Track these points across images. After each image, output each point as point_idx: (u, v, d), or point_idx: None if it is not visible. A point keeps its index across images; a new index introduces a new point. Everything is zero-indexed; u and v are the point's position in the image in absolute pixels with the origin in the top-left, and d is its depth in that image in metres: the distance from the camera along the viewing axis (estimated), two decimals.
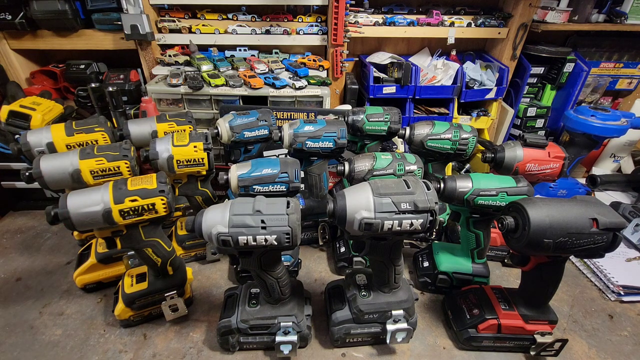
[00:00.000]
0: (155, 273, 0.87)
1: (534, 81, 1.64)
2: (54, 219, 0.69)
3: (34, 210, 1.33)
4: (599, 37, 1.62)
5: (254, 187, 0.84)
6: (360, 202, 0.66)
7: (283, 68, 1.42)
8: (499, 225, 0.74)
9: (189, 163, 0.92)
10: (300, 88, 1.29)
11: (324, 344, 0.88)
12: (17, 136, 0.95)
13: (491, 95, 1.52)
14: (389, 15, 1.45)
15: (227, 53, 1.49)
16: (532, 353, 0.85)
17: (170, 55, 1.39)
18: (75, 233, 1.04)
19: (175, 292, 0.87)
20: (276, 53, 1.51)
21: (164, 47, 1.45)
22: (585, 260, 1.17)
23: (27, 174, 0.81)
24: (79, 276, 0.96)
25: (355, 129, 1.09)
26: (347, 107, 1.37)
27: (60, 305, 0.96)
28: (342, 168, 0.94)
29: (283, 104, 1.32)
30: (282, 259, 0.82)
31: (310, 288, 1.03)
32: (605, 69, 1.67)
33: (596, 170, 1.63)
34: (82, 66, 1.43)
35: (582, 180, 1.55)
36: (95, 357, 0.83)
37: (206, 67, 1.33)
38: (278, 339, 0.79)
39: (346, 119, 1.08)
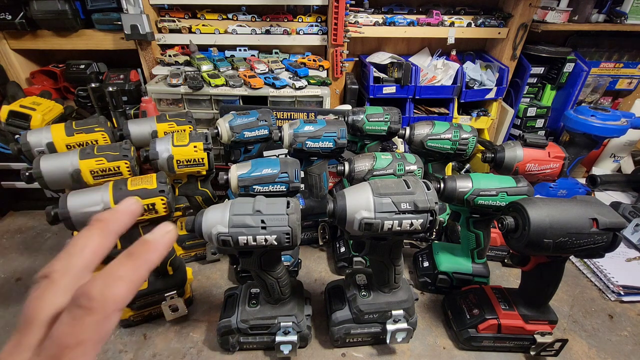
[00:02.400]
0: (155, 273, 0.87)
1: (534, 81, 1.64)
2: (54, 219, 0.68)
3: (34, 210, 1.33)
4: (599, 37, 1.62)
5: (254, 187, 0.84)
6: (360, 202, 0.66)
7: (283, 68, 1.42)
8: (499, 225, 0.74)
9: (189, 163, 0.92)
10: (300, 88, 1.29)
11: (324, 344, 0.88)
12: (17, 136, 0.95)
13: (491, 95, 1.52)
14: (389, 15, 1.45)
15: (227, 53, 1.49)
16: (532, 353, 0.85)
17: (170, 55, 1.39)
18: (75, 233, 1.04)
19: (175, 292, 0.87)
20: (276, 53, 1.51)
21: (164, 47, 1.45)
22: (585, 260, 1.17)
23: (27, 174, 0.81)
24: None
25: (355, 129, 1.09)
26: (347, 107, 1.37)
27: None
28: (342, 168, 0.94)
29: (283, 104, 1.32)
30: (282, 259, 0.82)
31: (310, 288, 1.03)
32: (605, 69, 1.67)
33: (596, 170, 1.63)
34: (82, 66, 1.43)
35: (582, 180, 1.55)
36: (95, 357, 0.83)
37: (206, 67, 1.33)
38: (278, 339, 0.79)
39: (346, 119, 1.08)
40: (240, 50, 1.49)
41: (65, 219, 0.68)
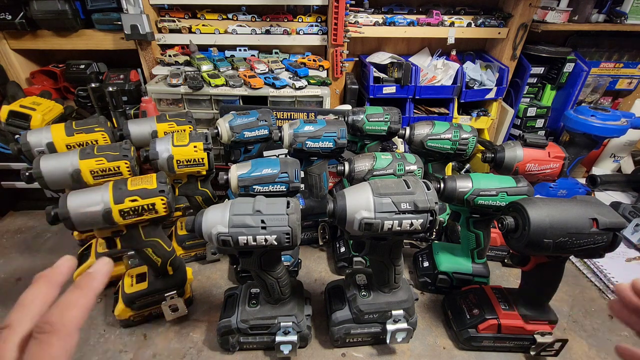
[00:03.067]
0: (155, 273, 0.87)
1: (534, 81, 1.64)
2: (54, 219, 0.68)
3: (34, 210, 1.33)
4: (599, 37, 1.62)
5: (254, 187, 0.84)
6: (360, 202, 0.66)
7: (283, 68, 1.42)
8: (499, 225, 0.74)
9: (189, 163, 0.92)
10: (300, 88, 1.29)
11: (324, 344, 0.88)
12: (17, 136, 0.95)
13: (491, 95, 1.52)
14: (389, 15, 1.45)
15: (227, 53, 1.49)
16: (532, 353, 0.85)
17: (170, 55, 1.39)
18: (75, 233, 1.04)
19: (175, 292, 0.87)
20: (276, 53, 1.51)
21: (164, 47, 1.45)
22: (585, 260, 1.17)
23: (27, 174, 0.81)
24: (79, 276, 0.96)
25: (355, 129, 1.09)
26: (347, 107, 1.37)
27: None
28: (342, 168, 0.94)
29: (283, 104, 1.32)
30: (282, 259, 0.82)
31: (310, 288, 1.03)
32: (605, 69, 1.67)
33: (596, 170, 1.63)
34: (82, 66, 1.43)
35: (582, 180, 1.55)
36: (95, 357, 0.83)
37: (206, 67, 1.33)
38: (278, 339, 0.79)
39: (346, 119, 1.08)
40: (240, 50, 1.49)
41: (65, 219, 0.68)
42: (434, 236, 1.18)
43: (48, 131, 0.90)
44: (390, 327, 0.81)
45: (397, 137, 1.09)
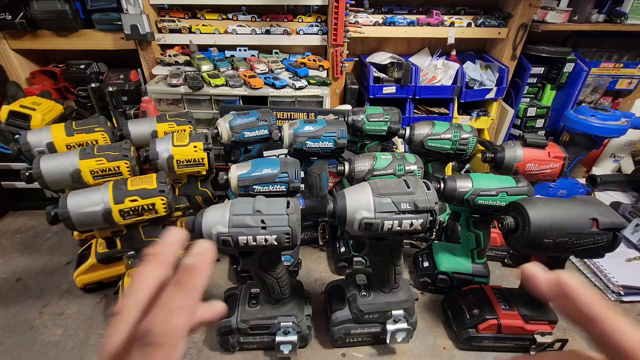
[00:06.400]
0: None
1: (534, 81, 1.64)
2: (54, 219, 0.69)
3: (34, 210, 1.33)
4: (599, 37, 1.61)
5: (254, 187, 0.84)
6: (360, 202, 0.66)
7: (283, 68, 1.42)
8: (499, 225, 0.74)
9: (189, 163, 0.92)
10: (300, 88, 1.29)
11: (324, 344, 0.88)
12: (17, 136, 0.95)
13: (491, 95, 1.52)
14: (389, 15, 1.45)
15: (227, 53, 1.49)
16: (532, 353, 0.85)
17: (170, 55, 1.39)
18: (75, 233, 1.04)
19: None
20: (276, 53, 1.51)
21: (164, 47, 1.45)
22: (585, 260, 1.17)
23: (27, 174, 0.81)
24: (79, 276, 0.96)
25: (355, 129, 1.09)
26: (347, 107, 1.37)
27: (60, 305, 0.96)
28: (342, 168, 0.94)
29: (283, 104, 1.32)
30: (282, 259, 0.82)
31: (310, 288, 1.03)
32: (605, 69, 1.67)
33: (596, 170, 1.63)
34: (82, 66, 1.43)
35: (582, 180, 1.55)
36: (95, 357, 0.83)
37: (206, 67, 1.33)
38: (278, 339, 0.79)
39: (346, 119, 1.08)
40: (240, 50, 1.49)
41: (65, 219, 0.68)
42: (434, 236, 1.18)
43: (48, 131, 0.90)
44: (390, 327, 0.81)
45: (397, 137, 1.09)
